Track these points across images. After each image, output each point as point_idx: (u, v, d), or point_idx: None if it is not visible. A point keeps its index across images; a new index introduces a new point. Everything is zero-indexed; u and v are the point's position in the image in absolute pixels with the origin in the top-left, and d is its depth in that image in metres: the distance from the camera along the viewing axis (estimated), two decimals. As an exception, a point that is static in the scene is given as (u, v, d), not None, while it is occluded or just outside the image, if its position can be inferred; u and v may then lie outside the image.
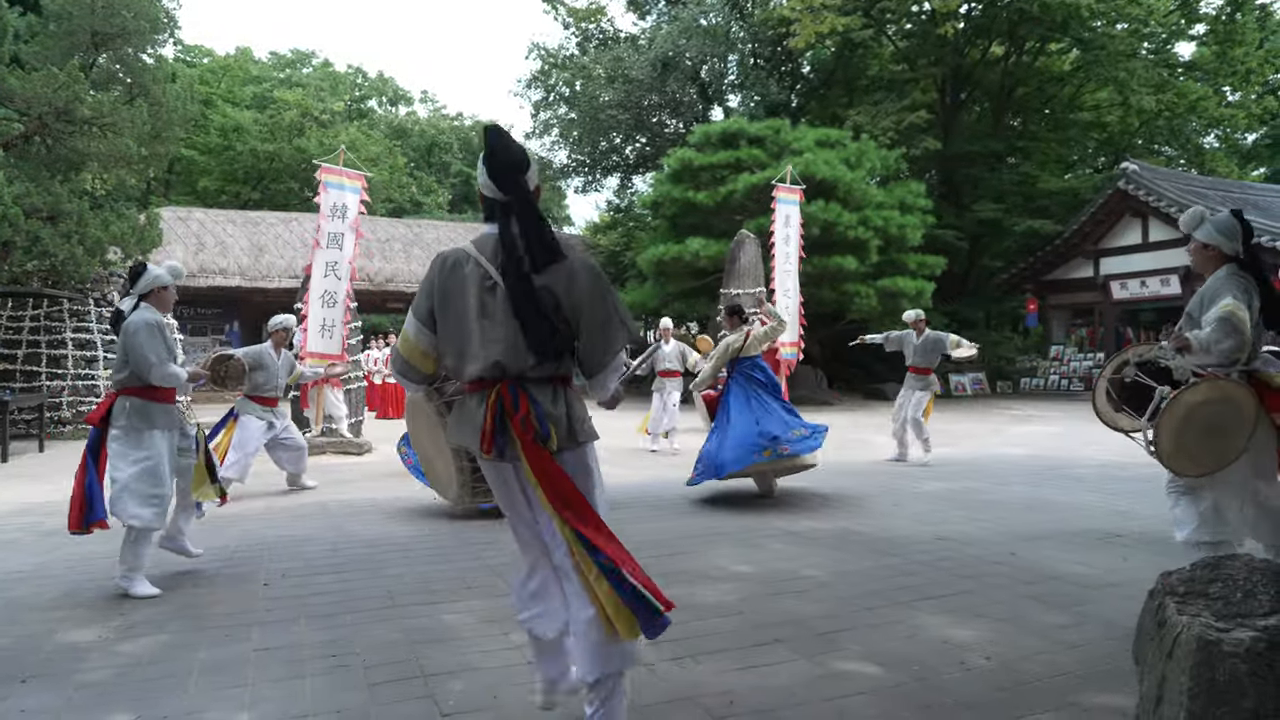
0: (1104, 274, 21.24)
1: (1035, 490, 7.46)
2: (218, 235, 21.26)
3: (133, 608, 4.08)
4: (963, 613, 3.87)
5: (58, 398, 12.56)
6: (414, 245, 23.75)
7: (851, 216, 17.29)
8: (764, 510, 6.58)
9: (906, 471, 8.72)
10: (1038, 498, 7.06)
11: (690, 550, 5.19)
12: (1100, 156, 29.34)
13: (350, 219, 10.64)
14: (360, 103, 43.20)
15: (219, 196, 31.95)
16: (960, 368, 22.30)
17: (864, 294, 17.48)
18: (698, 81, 25.57)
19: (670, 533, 5.72)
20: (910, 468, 9.06)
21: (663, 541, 5.43)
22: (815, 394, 18.79)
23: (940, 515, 6.30)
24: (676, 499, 7.09)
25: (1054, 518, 6.18)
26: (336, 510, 6.73)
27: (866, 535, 5.62)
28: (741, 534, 5.69)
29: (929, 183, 22.49)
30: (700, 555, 5.06)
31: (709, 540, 5.49)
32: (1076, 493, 7.33)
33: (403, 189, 36.03)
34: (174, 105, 13.78)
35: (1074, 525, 5.89)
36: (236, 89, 35.88)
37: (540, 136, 29.09)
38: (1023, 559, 4.89)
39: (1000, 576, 4.51)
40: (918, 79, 24.81)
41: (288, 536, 5.73)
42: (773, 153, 18.75)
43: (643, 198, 23.57)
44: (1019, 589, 4.26)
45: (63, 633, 3.72)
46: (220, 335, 21.43)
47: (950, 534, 5.60)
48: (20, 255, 11.78)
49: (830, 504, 6.81)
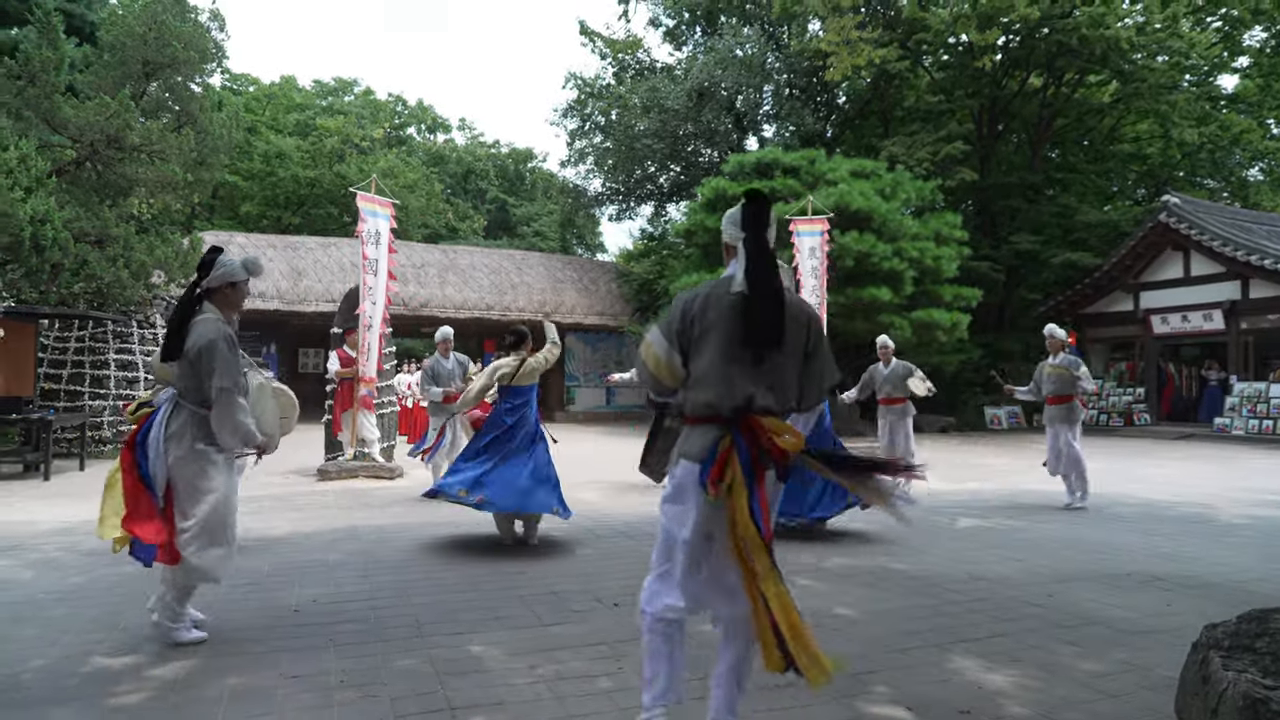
0: (1144, 308, 20.90)
1: (1073, 529, 7.32)
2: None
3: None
4: (998, 657, 3.79)
5: (99, 417, 12.82)
6: (449, 270, 24.02)
7: (886, 248, 17.21)
8: (794, 546, 6.51)
9: (940, 508, 8.60)
10: (1076, 536, 6.92)
11: (719, 585, 5.14)
12: (1140, 189, 29.00)
13: (384, 244, 10.87)
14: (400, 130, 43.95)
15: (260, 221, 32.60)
16: (997, 401, 22.00)
17: (898, 326, 17.34)
18: (733, 111, 25.73)
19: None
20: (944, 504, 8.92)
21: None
22: (848, 425, 18.63)
23: (975, 554, 6.19)
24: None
25: (1092, 558, 6.05)
26: (367, 535, 6.77)
27: (900, 573, 5.53)
28: (771, 569, 5.62)
29: (965, 214, 22.36)
30: (729, 590, 5.01)
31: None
32: (1116, 532, 7.17)
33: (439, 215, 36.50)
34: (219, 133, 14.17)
35: (1113, 566, 5.75)
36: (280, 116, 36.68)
37: (575, 165, 29.43)
38: (1060, 601, 4.79)
39: (1037, 619, 4.41)
40: (954, 110, 24.77)
41: (318, 561, 5.77)
42: (807, 183, 18.77)
43: (676, 226, 23.68)
44: (1056, 633, 4.17)
45: (99, 655, 3.77)
46: (258, 357, 21.78)
47: (986, 573, 5.50)
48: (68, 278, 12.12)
49: (863, 540, 6.73)
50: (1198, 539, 6.88)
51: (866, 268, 17.09)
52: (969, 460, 13.84)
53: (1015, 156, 26.15)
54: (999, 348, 23.10)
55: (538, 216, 42.18)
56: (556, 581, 5.21)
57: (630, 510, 8.18)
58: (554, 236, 40.51)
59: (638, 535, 6.83)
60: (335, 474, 10.43)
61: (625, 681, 3.48)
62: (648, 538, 6.72)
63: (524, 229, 41.68)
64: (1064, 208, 24.55)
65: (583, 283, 24.94)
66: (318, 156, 32.80)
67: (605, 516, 7.65)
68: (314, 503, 8.09)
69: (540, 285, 24.54)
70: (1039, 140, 25.21)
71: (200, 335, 3.80)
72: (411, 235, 30.12)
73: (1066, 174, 26.03)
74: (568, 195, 30.87)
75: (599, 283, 25.28)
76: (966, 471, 12.02)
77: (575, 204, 30.77)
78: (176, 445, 3.83)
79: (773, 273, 2.66)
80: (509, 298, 23.68)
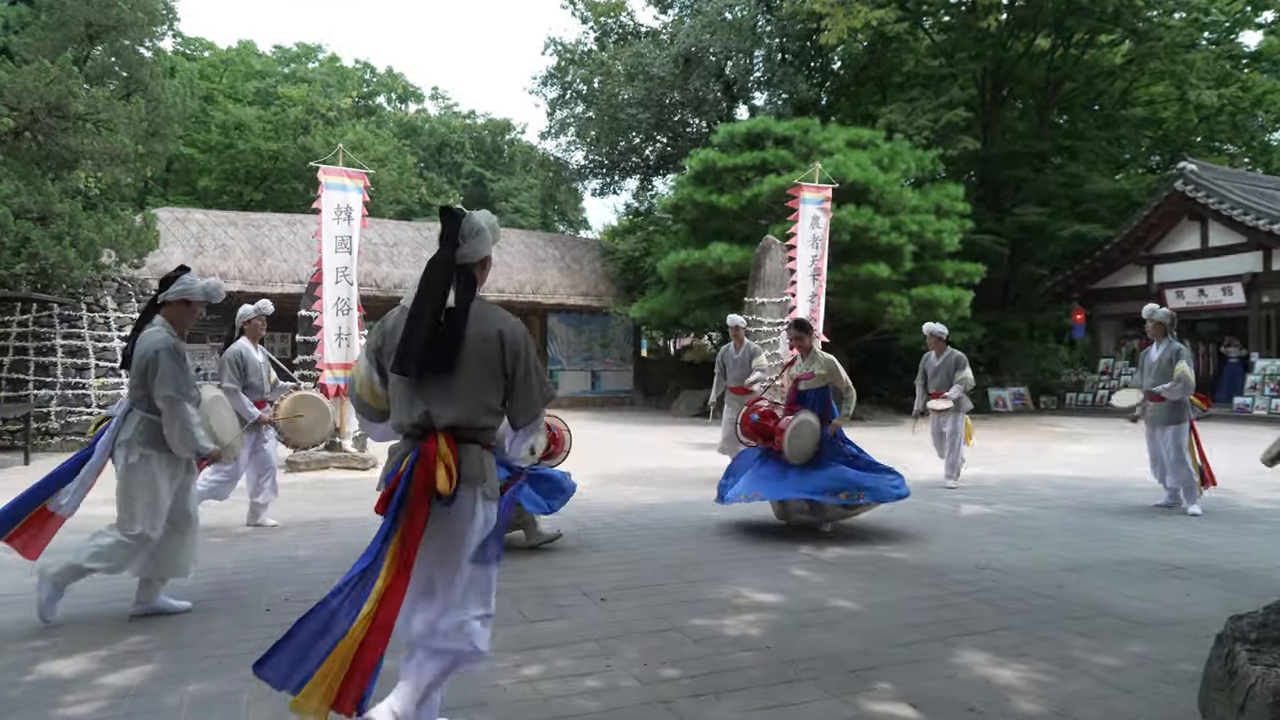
0: (1158, 282, 21.00)
1: (1083, 516, 7.35)
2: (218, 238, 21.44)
3: (120, 636, 4.07)
4: (1006, 650, 3.79)
5: (45, 408, 12.66)
6: (423, 249, 23.83)
7: (884, 221, 17.20)
8: (791, 535, 6.51)
9: (943, 494, 8.62)
10: (1086, 524, 6.95)
11: (711, 578, 5.14)
12: (1154, 156, 29.05)
13: (356, 220, 10.76)
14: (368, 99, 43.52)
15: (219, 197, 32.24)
16: (1000, 381, 22.10)
17: (897, 303, 17.36)
18: (722, 79, 25.58)
19: (689, 558, 5.67)
20: (946, 490, 8.95)
21: (681, 567, 5.38)
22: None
23: (980, 542, 6.21)
24: (693, 521, 7.03)
25: (1104, 546, 6.07)
26: (341, 529, 6.72)
27: (902, 563, 5.54)
28: (767, 560, 5.63)
29: (967, 185, 22.33)
30: (722, 583, 5.00)
31: (731, 567, 5.44)
32: (1129, 519, 7.21)
33: (412, 190, 36.22)
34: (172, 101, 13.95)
35: (1126, 555, 5.78)
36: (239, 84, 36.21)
37: (556, 136, 29.22)
38: (1071, 591, 4.80)
39: (1047, 611, 4.42)
40: (956, 74, 24.69)
41: (289, 558, 5.73)
42: (800, 153, 18.71)
43: (663, 200, 23.58)
44: (1067, 625, 4.18)
45: (46, 663, 3.72)
46: (219, 342, 21.61)
47: (992, 563, 5.52)
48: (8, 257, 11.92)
49: (862, 529, 6.73)
50: (1217, 525, 6.92)
51: (864, 242, 17.08)
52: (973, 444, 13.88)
53: (1021, 123, 26.13)
54: (1003, 326, 23.17)
55: (517, 192, 41.92)
56: (542, 576, 5.19)
57: (617, 501, 8.17)
58: (534, 213, 40.30)
59: (625, 527, 6.82)
60: (305, 465, 10.38)
61: (614, 681, 3.46)
62: (636, 529, 6.71)
63: (502, 205, 41.42)
64: (1072, 177, 24.58)
65: (565, 261, 24.82)
66: (280, 128, 32.42)
67: (592, 508, 7.62)
68: (283, 495, 8.01)
69: (520, 264, 24.41)
70: (1046, 106, 25.20)
71: (147, 346, 4.21)
72: (383, 212, 29.86)
73: (1075, 141, 26.01)
74: (548, 169, 30.69)
75: (582, 261, 25.17)
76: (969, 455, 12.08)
77: (556, 178, 30.60)
78: (128, 450, 4.24)
79: (436, 290, 2.77)
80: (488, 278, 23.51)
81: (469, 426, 2.78)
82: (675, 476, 10.13)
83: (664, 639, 3.97)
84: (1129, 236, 21.18)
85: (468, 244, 2.87)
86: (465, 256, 2.87)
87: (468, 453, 2.76)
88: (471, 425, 2.78)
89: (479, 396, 2.79)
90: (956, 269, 18.90)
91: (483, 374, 2.79)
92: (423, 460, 2.67)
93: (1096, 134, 26.48)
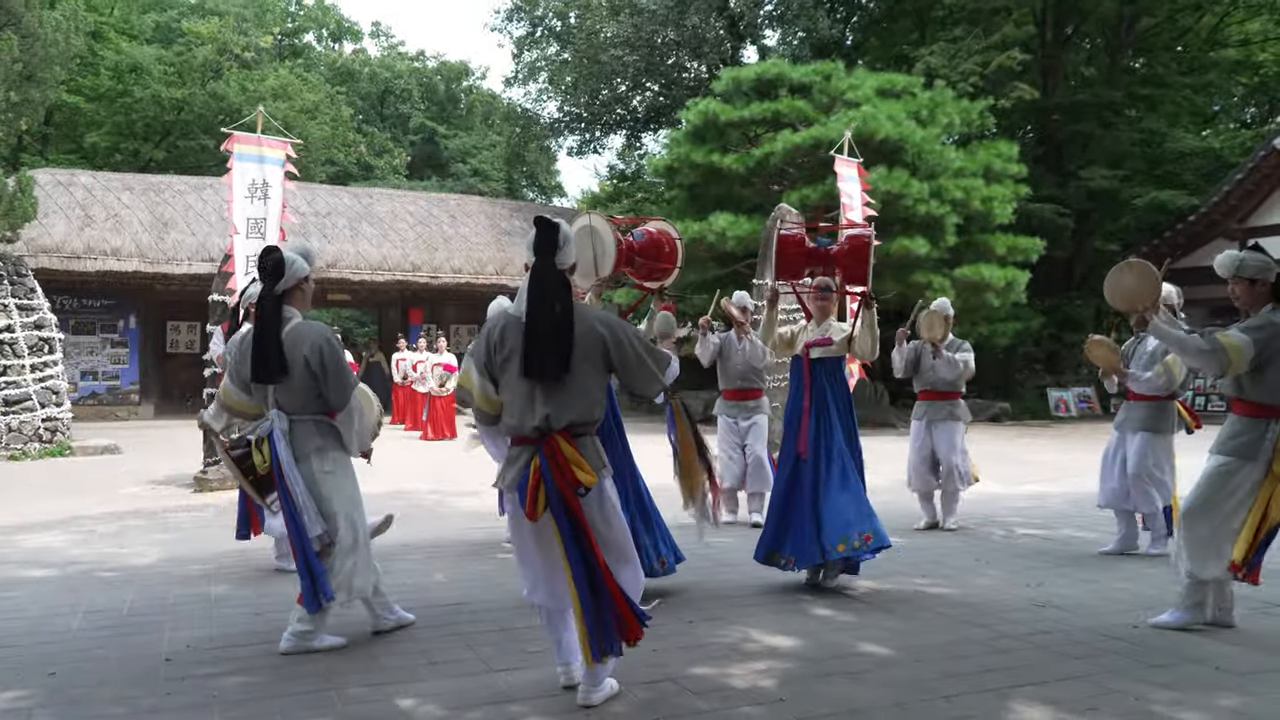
0: (1253, 260, 21.09)
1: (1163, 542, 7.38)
2: (110, 206, 21.33)
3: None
4: (1071, 705, 3.82)
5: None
6: (362, 220, 23.80)
7: (922, 187, 17.25)
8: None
9: (993, 516, 8.66)
10: (1166, 552, 6.98)
11: (714, 617, 5.16)
12: (1250, 107, 29.24)
13: (275, 200, 10.62)
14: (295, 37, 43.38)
15: (111, 156, 32.07)
16: (1062, 381, 22.21)
17: (938, 286, 17.41)
18: (726, 13, 25.61)
19: (692, 593, 5.69)
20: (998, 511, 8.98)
21: (682, 606, 5.39)
22: (874, 413, 18.76)
23: (1038, 573, 6.25)
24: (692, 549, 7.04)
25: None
26: (260, 560, 6.70)
27: (942, 599, 5.57)
28: (782, 596, 5.65)
29: (1023, 143, 22.46)
30: (727, 624, 5.02)
31: (740, 604, 5.46)
32: (1216, 546, 7.24)
33: (349, 148, 36.13)
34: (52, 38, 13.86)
35: (1214, 589, 5.82)
36: (134, 18, 36.00)
37: (524, 83, 29.33)
38: (1148, 633, 4.84)
39: (1119, 656, 4.46)
40: (1010, 8, 24.76)
41: (198, 595, 5.72)
42: (821, 104, 18.73)
43: (654, 161, 23.60)
44: (1145, 674, 4.20)
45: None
46: (113, 334, 21.49)
47: (1052, 598, 5.55)
48: None
49: (895, 557, 6.74)
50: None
51: (897, 213, 17.12)
52: (1028, 456, 13.97)
53: (1088, 68, 26.25)
54: (1066, 314, 23.26)
55: (476, 150, 41.86)
56: (505, 614, 5.19)
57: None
58: (498, 176, 40.24)
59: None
60: (217, 483, 10.34)
61: (596, 743, 3.47)
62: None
63: (459, 166, 41.38)
64: (1150, 134, 24.69)
65: (535, 234, 24.85)
66: (186, 71, 32.25)
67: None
68: (191, 520, 8.01)
69: (480, 239, 24.39)
70: (1119, 46, 25.29)
71: (315, 338, 4.48)
72: (314, 175, 29.77)
73: (1154, 90, 26.12)
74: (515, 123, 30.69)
75: (556, 234, 25.20)
76: (1025, 470, 12.14)
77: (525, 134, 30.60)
78: (319, 460, 4.57)
79: (550, 299, 3.59)
80: (441, 254, 23.53)
81: (585, 422, 3.67)
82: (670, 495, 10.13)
83: (656, 691, 3.98)
84: (1219, 205, 21.31)
85: (562, 251, 3.72)
86: (561, 263, 3.72)
87: (584, 446, 3.64)
88: (586, 420, 3.68)
89: (591, 394, 3.68)
90: (1010, 244, 18.98)
91: (591, 372, 3.66)
92: (553, 464, 3.55)
93: (1179, 81, 26.57)
